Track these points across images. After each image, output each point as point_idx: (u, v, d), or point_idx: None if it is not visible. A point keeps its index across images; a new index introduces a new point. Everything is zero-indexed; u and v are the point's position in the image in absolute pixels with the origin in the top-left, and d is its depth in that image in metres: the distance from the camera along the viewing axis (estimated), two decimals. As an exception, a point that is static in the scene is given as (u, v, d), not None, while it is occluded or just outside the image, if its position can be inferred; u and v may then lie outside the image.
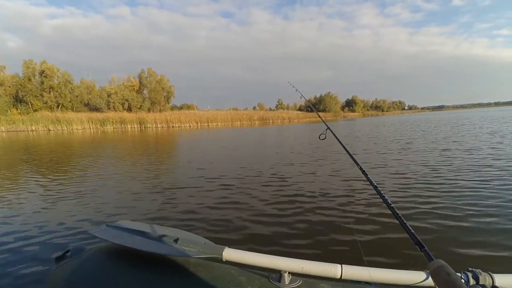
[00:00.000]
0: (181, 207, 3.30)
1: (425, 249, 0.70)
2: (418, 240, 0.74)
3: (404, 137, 10.94)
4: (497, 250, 2.10)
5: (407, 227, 0.80)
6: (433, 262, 0.61)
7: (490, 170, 4.56)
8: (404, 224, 0.81)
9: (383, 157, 6.46)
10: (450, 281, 0.53)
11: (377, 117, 53.81)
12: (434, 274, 0.58)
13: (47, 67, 33.95)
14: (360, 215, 2.84)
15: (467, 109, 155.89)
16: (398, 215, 0.86)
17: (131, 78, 42.47)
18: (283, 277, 0.98)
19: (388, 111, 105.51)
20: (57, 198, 3.83)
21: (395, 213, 0.87)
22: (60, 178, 5.23)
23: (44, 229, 2.70)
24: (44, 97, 33.59)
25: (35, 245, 2.35)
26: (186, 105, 55.80)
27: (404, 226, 0.81)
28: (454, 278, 0.54)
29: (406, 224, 0.81)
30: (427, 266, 0.63)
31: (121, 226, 1.33)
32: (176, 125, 32.86)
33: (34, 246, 2.34)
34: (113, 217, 2.99)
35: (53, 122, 27.48)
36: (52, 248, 2.28)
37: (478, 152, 6.36)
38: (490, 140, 8.52)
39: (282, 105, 75.61)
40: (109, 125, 29.84)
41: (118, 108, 37.74)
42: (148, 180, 4.88)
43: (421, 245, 0.72)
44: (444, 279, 0.55)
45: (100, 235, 1.23)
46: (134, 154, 8.74)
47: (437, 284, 0.57)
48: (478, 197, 3.25)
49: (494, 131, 11.43)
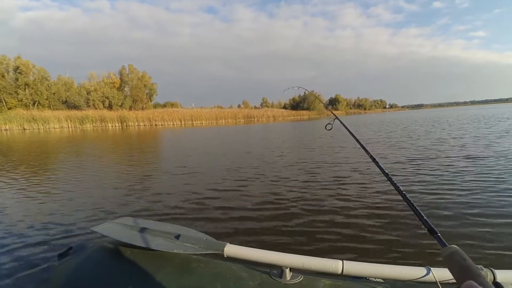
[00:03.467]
0: (182, 203, 3.32)
1: (438, 235, 0.70)
2: (431, 227, 0.74)
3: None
4: (499, 245, 2.08)
5: (419, 214, 0.80)
6: (446, 248, 0.60)
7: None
8: (416, 210, 0.82)
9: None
10: (466, 266, 0.53)
11: (359, 115, 54.96)
12: (448, 259, 0.58)
13: (22, 63, 32.51)
14: (361, 211, 2.86)
15: (445, 108, 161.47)
16: (410, 202, 0.86)
17: (111, 74, 41.30)
18: (284, 273, 0.98)
19: (370, 109, 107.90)
20: (56, 197, 3.79)
21: (407, 199, 0.88)
22: (58, 176, 5.16)
23: (46, 227, 2.70)
24: (19, 94, 32.15)
25: (38, 242, 2.36)
26: (169, 103, 54.96)
27: (416, 213, 0.81)
28: (470, 263, 0.53)
29: (418, 210, 0.81)
30: (441, 252, 0.62)
31: (123, 223, 1.33)
32: (159, 123, 32.32)
33: (37, 243, 2.34)
34: (114, 214, 3.01)
35: (29, 120, 26.37)
36: (55, 245, 2.29)
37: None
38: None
39: (267, 103, 75.90)
40: (88, 124, 28.97)
41: (98, 106, 36.65)
42: (147, 177, 4.90)
43: (434, 231, 0.72)
44: (459, 264, 0.54)
45: (102, 232, 1.24)
46: (130, 151, 8.59)
47: (451, 269, 0.56)
48: (479, 193, 3.26)
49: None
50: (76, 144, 12.09)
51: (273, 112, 49.46)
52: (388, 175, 1.06)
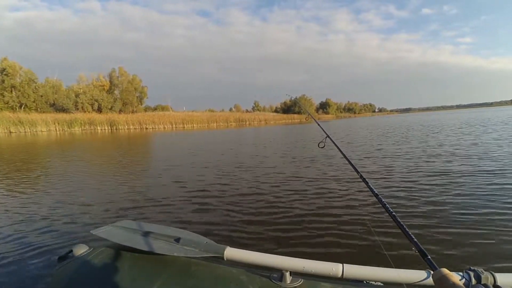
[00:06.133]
0: (182, 206, 3.33)
1: (429, 258, 0.69)
2: (421, 249, 0.73)
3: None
4: (499, 249, 2.08)
5: (409, 236, 0.79)
6: (437, 271, 0.60)
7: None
8: (406, 232, 0.81)
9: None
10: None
11: (349, 119, 55.51)
12: (439, 284, 0.58)
13: (8, 64, 31.74)
14: (361, 214, 2.85)
15: (432, 111, 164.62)
16: (400, 223, 0.85)
17: (101, 77, 40.78)
18: (284, 276, 0.98)
19: (359, 113, 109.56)
20: (56, 200, 3.80)
21: (397, 221, 0.87)
22: (58, 179, 5.20)
23: (46, 230, 2.70)
24: (5, 96, 31.37)
25: (38, 245, 2.36)
26: (160, 106, 54.54)
27: (406, 234, 0.80)
28: (459, 287, 0.53)
29: (408, 232, 0.80)
30: (431, 275, 0.62)
31: (123, 226, 1.34)
32: (149, 126, 32.01)
33: (37, 246, 2.34)
34: (114, 217, 2.99)
35: (15, 123, 25.73)
36: (55, 248, 2.29)
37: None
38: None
39: (258, 106, 76.14)
40: (77, 127, 28.43)
41: (87, 109, 36.06)
42: (146, 180, 4.95)
43: (424, 254, 0.71)
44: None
45: (102, 235, 1.25)
46: (124, 154, 8.52)
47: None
48: (480, 195, 3.29)
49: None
50: (66, 147, 11.91)
51: (264, 116, 49.62)
52: (378, 196, 1.05)
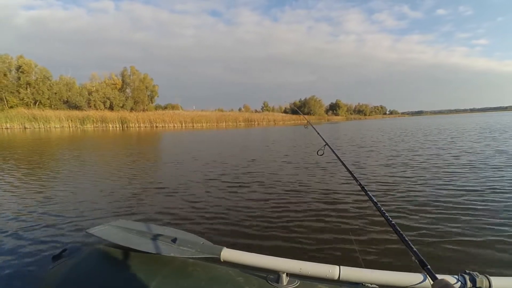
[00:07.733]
0: (180, 206, 3.29)
1: (428, 267, 0.68)
2: (421, 258, 0.72)
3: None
4: (494, 252, 2.08)
5: (409, 245, 0.78)
6: (437, 281, 0.60)
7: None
8: (406, 241, 0.79)
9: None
10: None
11: (360, 121, 55.03)
12: None
13: (24, 62, 32.58)
14: (358, 217, 2.83)
15: (445, 115, 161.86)
16: (399, 232, 0.84)
17: (112, 75, 41.44)
18: (281, 278, 0.98)
19: (370, 115, 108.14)
20: (52, 197, 3.74)
21: (396, 230, 0.85)
22: (55, 175, 5.17)
23: (40, 227, 2.66)
24: (21, 93, 32.18)
25: (32, 244, 2.31)
26: (170, 105, 55.00)
27: (406, 244, 0.79)
28: None
29: (408, 241, 0.79)
30: (431, 286, 0.61)
31: (119, 226, 1.32)
32: (159, 125, 32.34)
33: (31, 245, 2.29)
34: (110, 216, 2.95)
35: (30, 119, 26.39)
36: (49, 247, 2.24)
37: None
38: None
39: (267, 107, 76.06)
40: (89, 124, 29.01)
41: (99, 107, 36.72)
42: (145, 179, 4.88)
43: (423, 263, 0.70)
44: None
45: (97, 234, 1.23)
46: (129, 152, 8.58)
47: None
48: (477, 200, 3.25)
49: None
50: (76, 143, 12.08)
51: (273, 116, 49.52)
52: (377, 204, 1.03)
